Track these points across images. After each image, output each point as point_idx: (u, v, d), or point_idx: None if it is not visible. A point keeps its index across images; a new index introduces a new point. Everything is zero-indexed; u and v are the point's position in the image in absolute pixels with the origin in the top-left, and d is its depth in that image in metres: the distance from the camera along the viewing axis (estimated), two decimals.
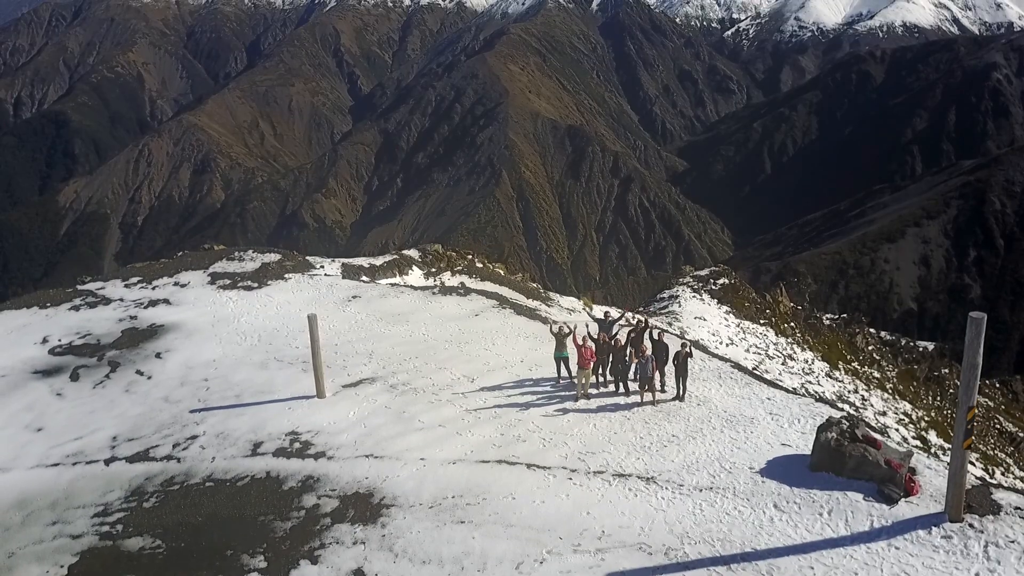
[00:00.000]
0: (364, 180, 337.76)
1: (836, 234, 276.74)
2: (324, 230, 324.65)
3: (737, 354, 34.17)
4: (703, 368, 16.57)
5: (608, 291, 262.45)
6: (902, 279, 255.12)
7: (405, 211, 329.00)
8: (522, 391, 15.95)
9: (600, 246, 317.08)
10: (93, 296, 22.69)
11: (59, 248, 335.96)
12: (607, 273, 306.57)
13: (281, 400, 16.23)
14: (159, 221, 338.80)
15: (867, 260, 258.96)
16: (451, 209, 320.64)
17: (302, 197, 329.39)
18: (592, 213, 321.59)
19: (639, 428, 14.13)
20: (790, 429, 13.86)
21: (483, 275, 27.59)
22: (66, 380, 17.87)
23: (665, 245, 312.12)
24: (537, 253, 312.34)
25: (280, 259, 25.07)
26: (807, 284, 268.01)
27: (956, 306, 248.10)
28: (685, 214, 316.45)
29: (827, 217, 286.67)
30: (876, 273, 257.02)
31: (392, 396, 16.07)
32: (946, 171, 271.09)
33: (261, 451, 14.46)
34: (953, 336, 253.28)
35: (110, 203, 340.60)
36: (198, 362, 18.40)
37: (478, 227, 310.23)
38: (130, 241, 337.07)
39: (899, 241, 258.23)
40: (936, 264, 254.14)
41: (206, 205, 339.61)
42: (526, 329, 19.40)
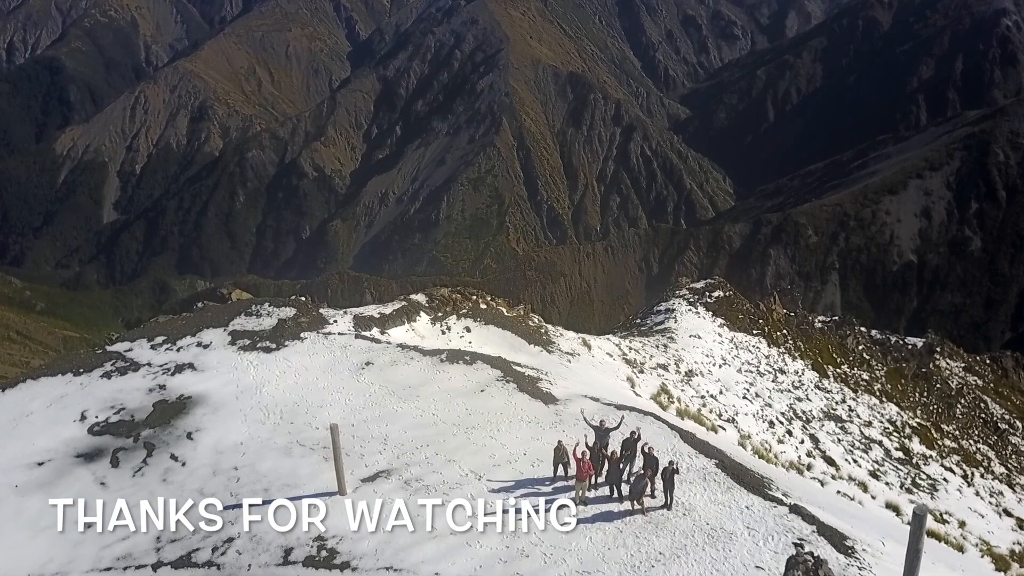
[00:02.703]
0: (363, 128, 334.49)
1: (838, 185, 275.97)
2: (324, 179, 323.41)
3: (730, 375, 35.89)
4: (690, 468, 18.16)
5: (609, 244, 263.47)
6: (903, 231, 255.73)
7: (405, 160, 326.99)
8: (525, 492, 17.59)
9: (601, 196, 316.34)
10: (123, 360, 24.20)
11: (58, 197, 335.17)
12: (608, 223, 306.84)
13: (306, 497, 17.87)
14: (157, 170, 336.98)
15: (868, 212, 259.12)
16: (451, 158, 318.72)
17: (301, 146, 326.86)
18: (593, 162, 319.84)
19: (630, 543, 15.82)
20: (764, 548, 15.53)
21: (487, 318, 29.02)
22: (107, 466, 19.50)
23: (667, 195, 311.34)
24: (538, 203, 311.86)
25: (295, 314, 26.48)
26: (808, 236, 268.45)
27: (956, 259, 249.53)
28: (687, 163, 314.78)
29: (829, 168, 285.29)
30: (877, 225, 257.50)
31: (407, 495, 17.72)
32: (951, 121, 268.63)
33: (292, 559, 16.19)
34: (952, 288, 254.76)
35: (107, 151, 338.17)
36: (227, 445, 20.02)
37: (478, 177, 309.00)
38: (129, 190, 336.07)
39: (901, 193, 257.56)
40: (937, 216, 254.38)
41: (204, 154, 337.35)
42: (528, 412, 20.94)
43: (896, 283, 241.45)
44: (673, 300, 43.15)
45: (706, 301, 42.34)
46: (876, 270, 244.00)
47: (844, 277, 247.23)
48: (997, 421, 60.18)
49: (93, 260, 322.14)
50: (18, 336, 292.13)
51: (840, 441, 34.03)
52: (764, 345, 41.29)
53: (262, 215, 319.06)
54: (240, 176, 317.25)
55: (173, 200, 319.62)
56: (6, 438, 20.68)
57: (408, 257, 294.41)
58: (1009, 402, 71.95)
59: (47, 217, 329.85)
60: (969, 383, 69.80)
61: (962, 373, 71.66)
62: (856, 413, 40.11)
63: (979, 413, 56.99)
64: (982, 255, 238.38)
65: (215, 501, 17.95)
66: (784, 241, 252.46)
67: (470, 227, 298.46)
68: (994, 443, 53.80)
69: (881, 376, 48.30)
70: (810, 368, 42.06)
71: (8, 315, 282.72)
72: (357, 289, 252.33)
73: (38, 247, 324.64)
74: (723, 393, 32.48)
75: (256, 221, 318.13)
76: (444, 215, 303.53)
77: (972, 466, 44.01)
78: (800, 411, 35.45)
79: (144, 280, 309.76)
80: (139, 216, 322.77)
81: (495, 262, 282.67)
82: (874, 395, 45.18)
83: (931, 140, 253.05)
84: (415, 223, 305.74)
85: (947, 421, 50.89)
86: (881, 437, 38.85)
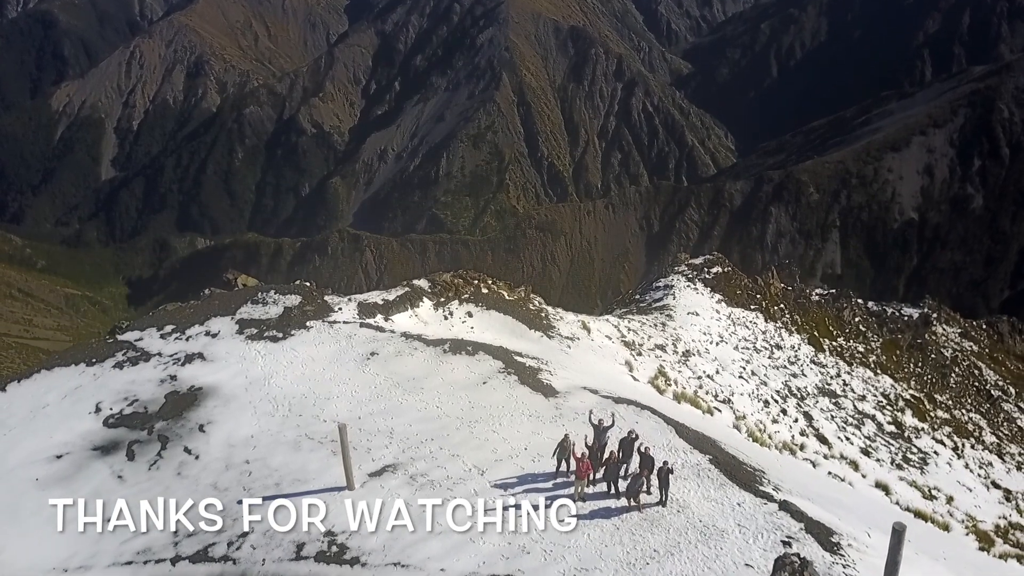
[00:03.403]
0: (361, 84, 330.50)
1: (841, 142, 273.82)
2: (322, 136, 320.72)
3: (726, 353, 36.57)
4: (685, 464, 18.87)
5: (610, 202, 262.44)
6: (904, 189, 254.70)
7: (404, 116, 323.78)
8: (525, 488, 18.34)
9: (602, 152, 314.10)
10: (133, 350, 24.81)
11: (55, 154, 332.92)
12: (609, 180, 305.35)
13: (316, 492, 18.65)
14: (155, 126, 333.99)
15: (870, 169, 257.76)
16: (450, 114, 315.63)
17: (299, 102, 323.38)
18: (594, 118, 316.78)
19: (626, 541, 16.59)
20: (754, 546, 16.30)
21: (488, 303, 29.55)
22: (123, 460, 20.25)
23: (668, 152, 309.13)
24: (538, 160, 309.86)
25: (300, 302, 27.00)
26: (809, 194, 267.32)
27: (957, 216, 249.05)
28: (689, 120, 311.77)
29: (832, 124, 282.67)
30: (879, 183, 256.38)
31: (412, 491, 18.48)
32: (955, 77, 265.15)
33: (304, 554, 16.99)
34: (952, 246, 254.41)
35: (104, 107, 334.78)
36: (238, 439, 20.74)
37: (478, 133, 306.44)
38: (127, 147, 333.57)
39: (904, 150, 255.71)
40: (940, 174, 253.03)
41: (201, 110, 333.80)
42: (529, 405, 21.59)
43: (897, 241, 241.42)
44: (672, 276, 43.64)
45: (704, 277, 42.83)
46: (877, 228, 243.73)
47: (845, 235, 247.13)
48: (990, 389, 61.16)
49: (93, 218, 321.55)
50: (20, 294, 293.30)
51: (833, 418, 34.86)
52: (761, 320, 41.91)
53: (261, 172, 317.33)
54: (238, 133, 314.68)
55: (171, 157, 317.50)
56: (25, 431, 21.39)
57: (408, 215, 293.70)
58: (1004, 367, 72.93)
59: (45, 174, 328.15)
60: (965, 349, 70.67)
61: (958, 339, 72.51)
62: (850, 387, 40.91)
63: (972, 382, 57.90)
64: (983, 213, 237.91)
65: (229, 497, 18.77)
66: (785, 199, 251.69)
67: (470, 184, 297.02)
68: (986, 411, 54.76)
69: (877, 348, 49.02)
70: (806, 342, 42.74)
71: (9, 273, 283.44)
72: (357, 247, 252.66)
73: (37, 205, 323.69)
74: (719, 373, 33.20)
75: (255, 178, 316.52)
76: (444, 172, 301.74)
77: (963, 437, 44.99)
78: (795, 388, 36.22)
79: (144, 238, 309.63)
80: (137, 173, 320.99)
81: (495, 220, 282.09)
82: (869, 367, 45.96)
83: (936, 96, 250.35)
84: (414, 180, 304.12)
85: (941, 391, 51.78)
86: (874, 411, 39.71)
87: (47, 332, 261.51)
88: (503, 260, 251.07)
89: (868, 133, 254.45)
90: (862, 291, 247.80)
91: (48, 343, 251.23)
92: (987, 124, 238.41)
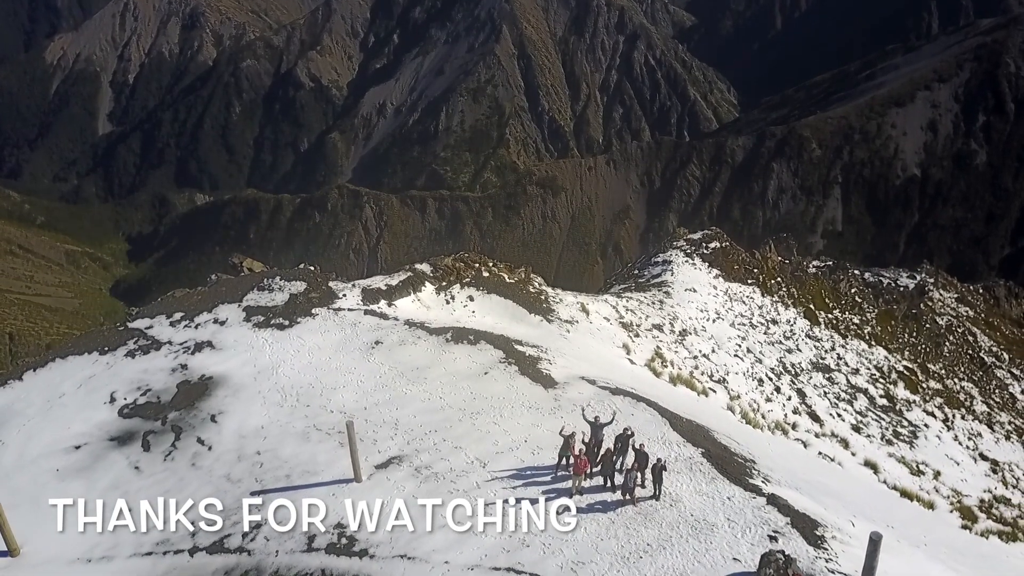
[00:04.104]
0: (360, 37, 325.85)
1: (844, 97, 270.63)
2: (320, 90, 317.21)
3: (722, 331, 37.30)
4: (678, 458, 19.71)
5: (611, 158, 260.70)
6: (908, 145, 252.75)
7: (402, 70, 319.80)
8: (525, 482, 19.18)
9: (603, 107, 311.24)
10: (144, 338, 25.50)
11: (51, 108, 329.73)
12: (610, 135, 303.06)
13: (325, 484, 19.51)
14: (151, 80, 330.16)
15: (874, 125, 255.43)
16: (450, 68, 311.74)
17: (296, 55, 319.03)
18: (596, 72, 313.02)
19: (621, 535, 17.46)
20: (742, 540, 17.17)
21: (489, 286, 30.16)
22: (139, 450, 21.08)
23: (670, 106, 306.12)
24: (539, 114, 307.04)
25: (306, 288, 27.61)
26: (811, 150, 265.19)
27: (959, 173, 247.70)
28: (691, 73, 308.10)
29: (836, 78, 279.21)
30: (882, 139, 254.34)
31: (417, 483, 19.34)
32: (962, 30, 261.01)
33: (315, 546, 17.88)
34: (954, 202, 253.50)
35: (99, 61, 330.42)
36: (249, 429, 21.55)
37: (478, 87, 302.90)
38: (123, 101, 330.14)
39: (908, 105, 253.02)
40: (943, 130, 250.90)
41: (198, 63, 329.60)
42: (529, 397, 22.35)
43: (898, 198, 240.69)
44: (670, 252, 44.13)
45: (703, 252, 43.34)
46: (879, 184, 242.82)
47: (846, 192, 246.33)
48: (983, 355, 62.11)
49: (91, 173, 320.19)
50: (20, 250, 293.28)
51: (826, 394, 35.74)
52: (758, 295, 42.55)
53: (259, 127, 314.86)
54: (235, 87, 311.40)
55: (168, 112, 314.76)
56: (43, 421, 22.18)
57: (407, 170, 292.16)
58: (998, 332, 73.87)
59: (42, 129, 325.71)
60: (960, 315, 71.49)
61: (954, 304, 73.34)
62: (844, 361, 41.76)
63: (966, 349, 58.83)
64: (986, 169, 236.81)
65: (242, 489, 19.65)
66: (787, 155, 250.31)
67: (469, 139, 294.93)
68: (979, 379, 55.81)
69: (872, 319, 49.79)
70: (802, 316, 43.46)
71: (9, 229, 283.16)
72: (357, 204, 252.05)
73: (34, 160, 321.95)
74: (715, 352, 33.95)
75: (253, 133, 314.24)
76: (443, 127, 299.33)
77: (954, 408, 46.05)
78: (789, 364, 37.04)
79: (143, 193, 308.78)
80: (134, 128, 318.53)
81: (495, 176, 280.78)
82: (863, 339, 46.77)
83: (941, 50, 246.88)
84: (414, 135, 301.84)
85: (934, 360, 52.73)
86: (867, 385, 40.62)
87: (49, 288, 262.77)
88: (503, 217, 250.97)
89: (872, 88, 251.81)
90: (862, 248, 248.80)
91: (50, 299, 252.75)
92: (993, 79, 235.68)
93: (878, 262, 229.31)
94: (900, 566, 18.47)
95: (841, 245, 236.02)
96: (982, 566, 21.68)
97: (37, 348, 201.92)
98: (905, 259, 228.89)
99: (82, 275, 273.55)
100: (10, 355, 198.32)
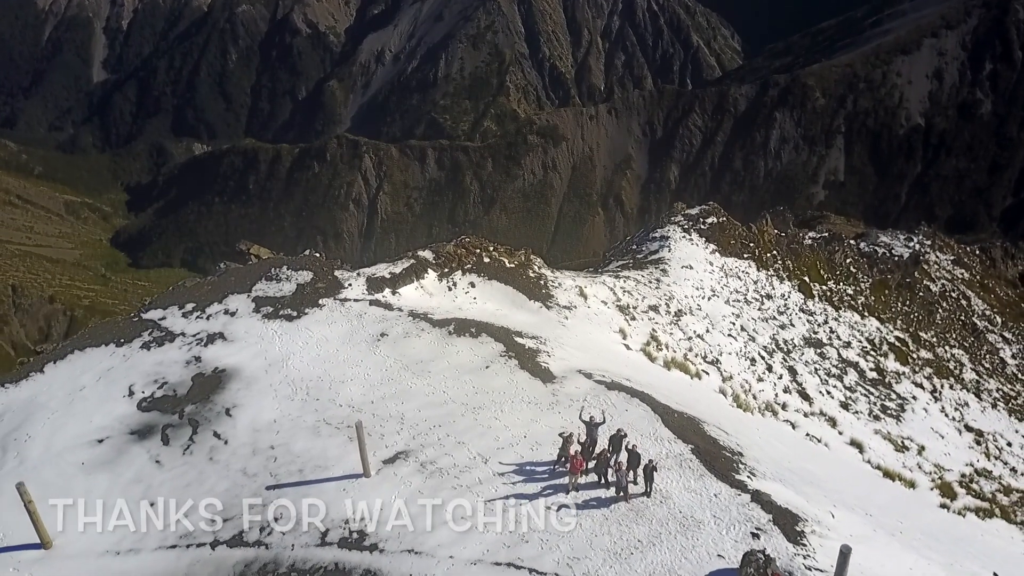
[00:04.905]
0: None
1: (850, 44, 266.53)
2: (317, 37, 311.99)
3: (717, 309, 38.26)
4: (668, 454, 20.86)
5: (612, 106, 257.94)
6: (912, 94, 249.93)
7: (401, 16, 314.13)
8: (524, 478, 20.36)
9: (605, 53, 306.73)
10: (158, 329, 26.48)
11: (44, 55, 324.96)
12: (612, 83, 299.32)
13: (336, 479, 20.70)
14: (145, 26, 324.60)
15: (879, 73, 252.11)
16: (449, 13, 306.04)
17: (292, 0, 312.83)
18: (598, 18, 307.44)
19: (614, 531, 18.69)
20: (726, 537, 18.40)
21: (490, 272, 31.01)
22: (159, 444, 22.21)
23: (673, 53, 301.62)
24: (539, 61, 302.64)
25: (313, 278, 28.47)
26: (815, 98, 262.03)
27: (964, 122, 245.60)
28: (695, 19, 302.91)
29: (842, 25, 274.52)
30: (887, 87, 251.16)
31: (423, 479, 20.52)
32: None
33: (328, 540, 19.14)
34: (957, 152, 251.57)
35: (91, 6, 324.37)
36: (262, 423, 22.67)
37: (477, 33, 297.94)
38: (117, 48, 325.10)
39: (914, 53, 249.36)
40: (949, 78, 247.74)
41: (192, 8, 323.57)
42: (528, 392, 23.41)
43: (902, 147, 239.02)
44: (668, 227, 44.77)
45: (700, 227, 43.99)
46: (882, 134, 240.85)
47: (849, 141, 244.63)
48: (976, 320, 63.20)
49: (87, 122, 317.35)
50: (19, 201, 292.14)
51: (817, 371, 36.88)
52: (753, 269, 43.38)
53: (256, 75, 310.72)
54: (231, 33, 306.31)
55: (163, 59, 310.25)
56: (66, 414, 23.28)
57: (406, 119, 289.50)
58: (993, 295, 74.89)
59: (36, 76, 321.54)
60: (956, 277, 72.41)
61: (950, 267, 74.18)
62: (836, 334, 42.83)
63: (959, 315, 59.89)
64: (991, 119, 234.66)
65: (257, 483, 20.84)
66: (791, 103, 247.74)
67: (469, 87, 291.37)
68: (970, 345, 56.99)
69: (866, 289, 50.70)
70: (796, 290, 44.37)
71: (7, 179, 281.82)
72: (356, 154, 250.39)
73: (29, 108, 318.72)
74: (709, 332, 34.96)
75: (250, 81, 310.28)
76: (442, 74, 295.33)
77: (943, 377, 47.30)
78: (782, 341, 38.10)
79: (140, 143, 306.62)
80: (130, 76, 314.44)
81: (495, 124, 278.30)
82: (857, 311, 47.79)
83: None
84: (412, 83, 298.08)
85: (926, 328, 53.83)
86: (858, 358, 41.77)
87: (49, 239, 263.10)
88: (503, 167, 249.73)
89: (878, 35, 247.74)
90: (864, 198, 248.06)
91: (51, 250, 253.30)
92: (1001, 26, 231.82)
93: (879, 213, 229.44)
94: (875, 556, 19.79)
95: (843, 196, 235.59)
96: (955, 550, 23.01)
97: (40, 300, 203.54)
98: (907, 210, 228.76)
99: (82, 226, 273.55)
100: (13, 306, 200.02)
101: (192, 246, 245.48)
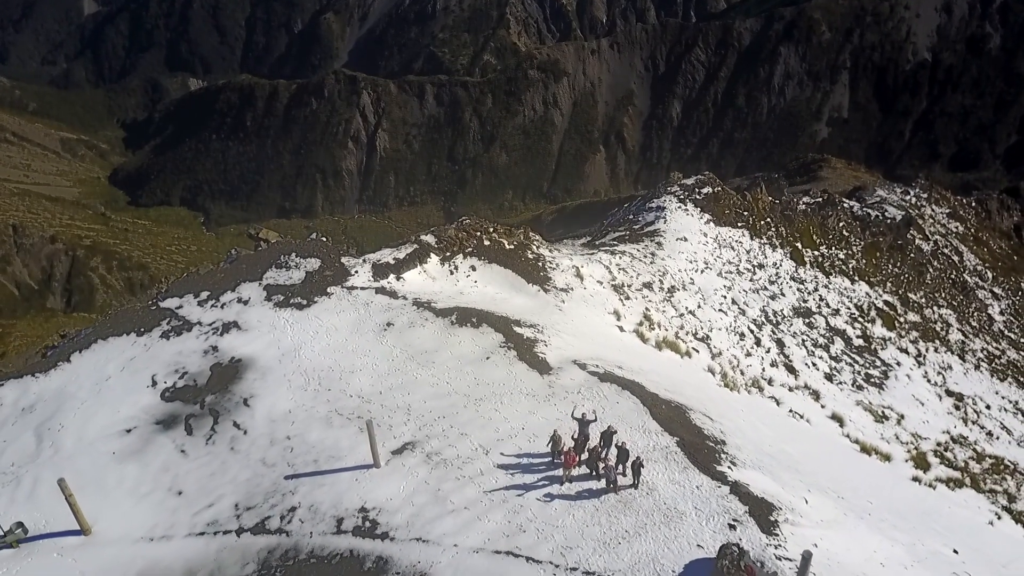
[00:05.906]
0: None
1: None
2: None
3: (710, 282, 39.58)
4: (655, 447, 22.54)
5: (615, 41, 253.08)
6: (920, 27, 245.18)
7: None
8: (522, 470, 22.10)
9: None
10: (176, 318, 27.89)
11: None
12: (614, 16, 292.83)
13: (349, 469, 22.44)
14: None
15: (886, 6, 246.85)
16: None
17: None
18: None
19: (603, 522, 20.49)
20: (706, 528, 20.20)
21: (490, 255, 32.21)
22: (183, 434, 23.89)
23: None
24: None
25: (320, 266, 29.71)
26: (821, 33, 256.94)
27: (972, 57, 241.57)
28: None
29: None
30: (895, 20, 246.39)
31: (429, 469, 22.25)
32: None
33: (343, 528, 20.98)
34: (964, 88, 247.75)
35: None
36: (278, 413, 24.30)
37: None
38: None
39: None
40: (959, 11, 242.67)
41: None
42: (526, 384, 24.96)
43: (907, 83, 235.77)
44: (664, 197, 45.63)
45: (695, 198, 44.86)
46: (888, 69, 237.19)
47: (855, 77, 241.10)
48: (967, 276, 64.54)
49: (79, 56, 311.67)
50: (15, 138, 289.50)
51: (804, 342, 38.43)
52: (747, 238, 44.48)
53: (250, 6, 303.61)
54: None
55: None
56: (95, 404, 24.90)
57: (404, 53, 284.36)
58: (986, 248, 76.12)
59: (25, 9, 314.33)
60: (950, 231, 73.46)
61: (945, 220, 75.16)
62: (826, 302, 44.25)
63: (949, 274, 61.19)
64: (1000, 54, 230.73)
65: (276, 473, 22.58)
66: (796, 38, 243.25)
67: (468, 20, 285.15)
68: (959, 304, 58.49)
69: (858, 252, 51.88)
70: (788, 257, 45.57)
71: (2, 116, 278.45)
72: (354, 90, 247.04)
73: (20, 42, 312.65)
74: (700, 307, 36.36)
75: (244, 13, 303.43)
76: (441, 6, 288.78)
77: (928, 340, 48.96)
78: (771, 312, 39.53)
79: (135, 78, 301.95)
80: (121, 8, 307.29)
81: (495, 59, 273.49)
82: (847, 275, 49.09)
83: None
84: (411, 15, 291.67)
85: (916, 289, 55.23)
86: (845, 326, 43.30)
87: (47, 177, 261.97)
88: (503, 103, 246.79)
89: None
90: (868, 135, 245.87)
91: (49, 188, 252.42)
92: None
93: (883, 151, 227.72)
94: (841, 541, 21.68)
95: (846, 133, 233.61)
96: (920, 527, 24.95)
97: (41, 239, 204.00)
98: (910, 147, 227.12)
99: (79, 163, 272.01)
100: (15, 246, 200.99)
101: (191, 184, 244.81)
